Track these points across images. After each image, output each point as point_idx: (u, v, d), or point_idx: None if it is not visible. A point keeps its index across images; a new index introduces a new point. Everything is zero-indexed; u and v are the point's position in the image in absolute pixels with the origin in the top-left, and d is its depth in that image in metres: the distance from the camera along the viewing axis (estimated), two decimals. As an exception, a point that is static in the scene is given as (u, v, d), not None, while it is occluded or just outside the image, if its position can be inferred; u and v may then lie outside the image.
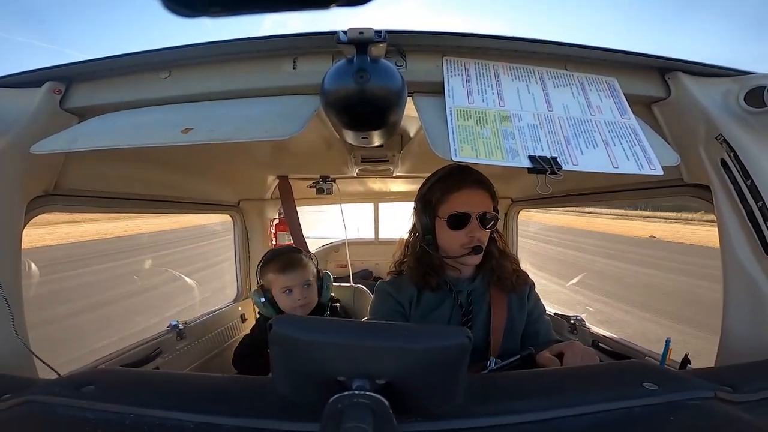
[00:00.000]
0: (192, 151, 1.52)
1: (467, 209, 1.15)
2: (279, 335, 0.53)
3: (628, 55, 0.98)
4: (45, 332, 4.90)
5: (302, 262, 1.68)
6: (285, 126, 0.84)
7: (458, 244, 1.17)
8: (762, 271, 0.89)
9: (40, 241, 12.31)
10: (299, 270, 1.64)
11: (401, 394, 0.51)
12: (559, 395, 0.63)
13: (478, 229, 1.16)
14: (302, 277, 1.63)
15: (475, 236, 1.16)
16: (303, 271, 1.65)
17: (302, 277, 1.63)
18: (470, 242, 1.16)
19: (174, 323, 1.82)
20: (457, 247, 1.18)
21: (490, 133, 0.86)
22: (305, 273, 1.65)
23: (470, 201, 1.17)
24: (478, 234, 1.16)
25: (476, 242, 1.16)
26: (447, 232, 1.19)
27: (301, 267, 1.65)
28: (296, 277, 1.63)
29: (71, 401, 0.62)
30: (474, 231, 1.16)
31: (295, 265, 1.64)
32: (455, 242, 1.18)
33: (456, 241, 1.18)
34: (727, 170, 0.92)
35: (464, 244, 1.17)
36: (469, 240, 1.16)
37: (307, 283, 1.64)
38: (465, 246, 1.17)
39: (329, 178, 2.45)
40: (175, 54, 0.96)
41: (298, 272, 1.63)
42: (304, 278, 1.64)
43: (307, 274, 1.66)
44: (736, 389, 0.64)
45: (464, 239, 1.17)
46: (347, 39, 0.72)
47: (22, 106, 0.94)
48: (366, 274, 3.92)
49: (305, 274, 1.65)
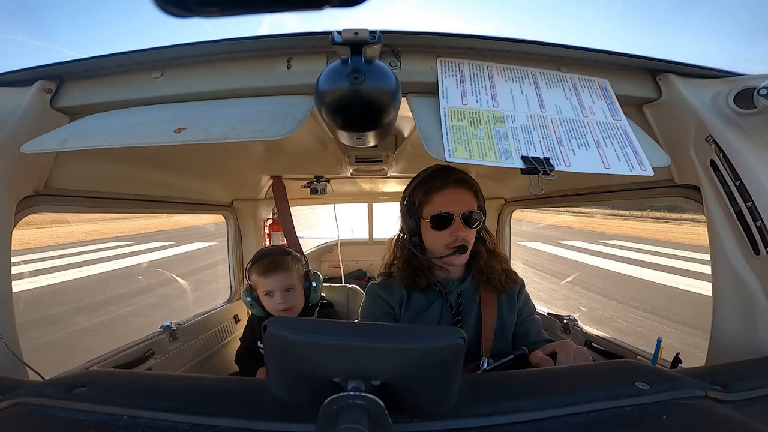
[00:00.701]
0: (185, 151, 1.51)
1: (450, 209, 1.17)
2: (273, 336, 0.52)
3: (620, 56, 0.99)
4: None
5: (285, 265, 1.63)
6: (279, 126, 0.84)
7: (443, 244, 1.18)
8: (751, 271, 0.90)
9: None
10: (281, 274, 1.60)
11: (396, 395, 0.51)
12: (552, 395, 0.64)
13: (462, 229, 1.17)
14: (284, 282, 1.60)
15: (459, 235, 1.17)
16: (285, 275, 1.61)
17: (284, 281, 1.60)
18: (454, 242, 1.17)
19: (166, 324, 1.81)
20: (442, 247, 1.19)
21: (484, 133, 0.86)
22: (287, 277, 1.61)
23: (453, 201, 1.18)
24: (462, 233, 1.17)
25: (460, 241, 1.17)
26: (431, 232, 1.20)
27: (283, 270, 1.61)
28: (277, 281, 1.60)
29: (63, 403, 0.61)
30: (458, 230, 1.17)
31: (277, 269, 1.61)
32: (440, 242, 1.19)
33: (440, 241, 1.19)
34: (716, 171, 0.94)
35: (448, 244, 1.18)
36: (453, 240, 1.17)
37: (289, 288, 1.61)
38: (449, 246, 1.18)
39: (323, 178, 2.44)
40: (168, 53, 0.95)
41: (279, 276, 1.60)
42: (286, 283, 1.60)
43: (290, 278, 1.62)
44: (726, 388, 0.65)
45: (448, 239, 1.18)
46: (342, 40, 0.72)
47: (12, 105, 0.92)
48: (360, 274, 3.92)
49: (287, 279, 1.61)
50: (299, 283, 1.67)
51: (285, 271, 1.62)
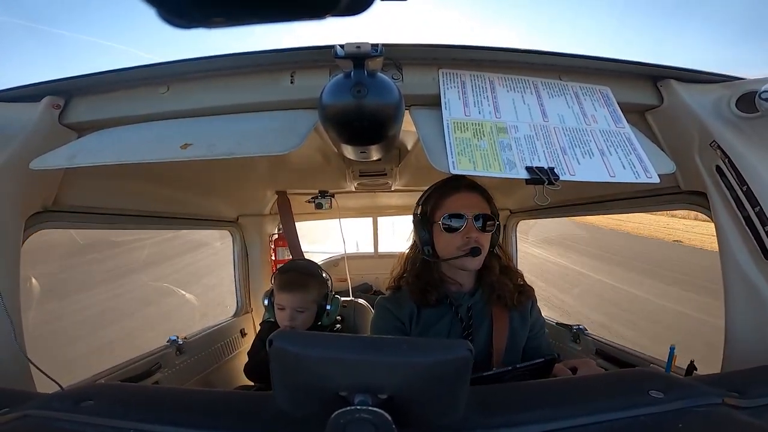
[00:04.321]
0: (191, 167, 1.52)
1: (462, 210, 1.16)
2: (279, 350, 0.52)
3: (620, 63, 0.99)
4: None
5: (304, 287, 1.62)
6: (284, 141, 0.84)
7: (455, 246, 1.17)
8: (762, 276, 0.89)
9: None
10: (297, 294, 1.59)
11: (403, 408, 0.51)
12: (563, 406, 0.62)
13: (474, 230, 1.16)
14: (296, 303, 1.59)
15: (471, 237, 1.15)
16: (300, 296, 1.60)
17: (297, 302, 1.59)
18: (467, 244, 1.15)
19: (173, 338, 1.81)
20: (454, 250, 1.17)
21: (487, 144, 0.87)
22: (301, 299, 1.60)
23: (464, 203, 1.18)
24: (475, 235, 1.16)
25: (473, 243, 1.15)
26: (444, 236, 1.19)
27: (299, 291, 1.60)
28: (290, 300, 1.59)
29: (70, 416, 0.61)
30: (470, 231, 1.16)
31: (293, 288, 1.60)
32: (452, 245, 1.17)
33: (453, 243, 1.17)
34: (722, 176, 0.93)
35: (461, 246, 1.16)
36: (466, 242, 1.15)
37: (299, 309, 1.60)
38: (462, 248, 1.16)
39: (328, 192, 2.45)
40: (174, 68, 0.97)
41: (294, 296, 1.59)
42: (298, 304, 1.59)
43: (303, 300, 1.61)
44: (743, 394, 0.64)
45: (460, 241, 1.16)
46: (344, 53, 0.73)
47: (21, 121, 0.93)
48: (366, 287, 3.90)
49: (300, 301, 1.60)
50: (313, 304, 1.65)
51: (301, 293, 1.60)
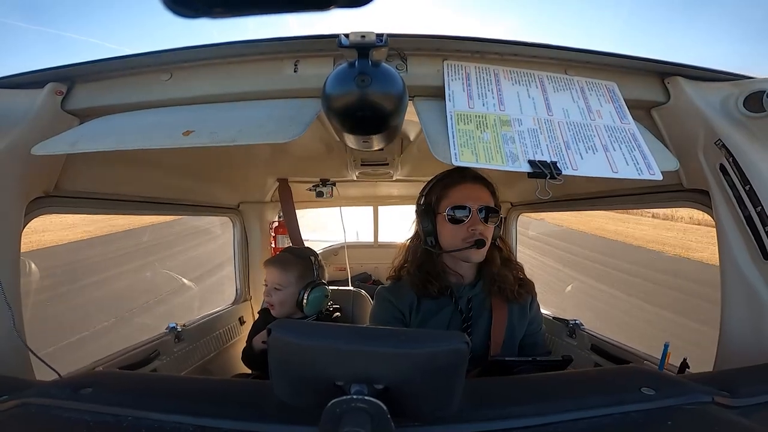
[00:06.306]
0: (192, 153, 1.52)
1: (466, 202, 1.16)
2: (277, 339, 0.52)
3: (628, 59, 0.98)
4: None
5: (283, 264, 1.69)
6: (286, 129, 0.84)
7: (459, 238, 1.17)
8: (760, 276, 0.89)
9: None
10: (275, 271, 1.68)
11: (399, 399, 0.51)
12: (556, 401, 0.63)
13: (479, 222, 1.16)
14: (274, 279, 1.67)
15: (476, 229, 1.15)
16: (278, 273, 1.67)
17: (273, 278, 1.67)
18: (471, 236, 1.15)
19: (172, 325, 1.82)
20: (459, 242, 1.17)
21: (490, 137, 0.86)
22: (278, 276, 1.67)
23: (469, 195, 1.18)
24: (480, 227, 1.16)
25: (478, 235, 1.15)
26: (448, 227, 1.18)
27: (278, 269, 1.68)
28: (270, 275, 1.68)
29: (69, 403, 0.62)
30: (475, 224, 1.16)
31: (273, 263, 1.70)
32: (457, 237, 1.17)
33: (457, 235, 1.17)
34: (725, 175, 0.93)
35: (465, 238, 1.16)
36: (470, 234, 1.15)
37: (276, 287, 1.67)
38: (466, 240, 1.16)
39: (329, 181, 2.45)
40: (177, 56, 0.96)
41: (272, 272, 1.68)
42: (275, 281, 1.67)
43: (281, 278, 1.67)
44: (733, 394, 0.64)
45: (465, 233, 1.16)
46: (349, 43, 0.72)
47: (24, 107, 0.94)
48: (365, 277, 3.92)
49: (278, 278, 1.67)
50: (292, 286, 1.68)
51: (279, 270, 1.67)
